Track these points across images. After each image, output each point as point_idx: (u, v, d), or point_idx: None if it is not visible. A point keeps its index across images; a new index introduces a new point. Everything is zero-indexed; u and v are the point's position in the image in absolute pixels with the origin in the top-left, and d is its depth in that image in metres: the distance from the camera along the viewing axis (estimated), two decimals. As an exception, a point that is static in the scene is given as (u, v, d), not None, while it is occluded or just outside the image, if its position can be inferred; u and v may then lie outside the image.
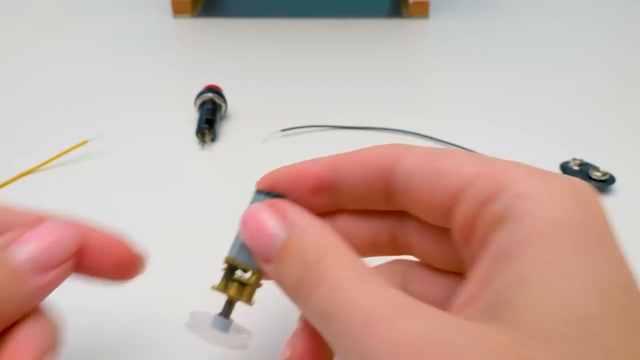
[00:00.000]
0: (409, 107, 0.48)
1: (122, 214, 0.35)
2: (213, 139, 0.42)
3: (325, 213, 0.22)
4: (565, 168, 0.38)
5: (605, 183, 0.36)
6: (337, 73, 0.53)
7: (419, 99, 0.49)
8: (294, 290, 0.18)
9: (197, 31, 0.63)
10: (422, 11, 0.64)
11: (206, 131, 0.42)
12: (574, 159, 0.38)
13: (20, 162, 0.40)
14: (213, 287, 0.22)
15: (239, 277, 0.21)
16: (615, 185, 0.37)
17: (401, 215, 0.21)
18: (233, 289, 0.21)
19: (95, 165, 0.40)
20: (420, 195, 0.19)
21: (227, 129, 0.44)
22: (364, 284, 0.16)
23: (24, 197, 0.37)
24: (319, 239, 0.18)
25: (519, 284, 0.15)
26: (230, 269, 0.22)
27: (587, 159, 0.39)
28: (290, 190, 0.21)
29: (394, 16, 0.66)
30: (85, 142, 0.40)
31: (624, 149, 0.42)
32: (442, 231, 0.20)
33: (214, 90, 0.45)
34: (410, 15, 0.65)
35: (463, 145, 0.41)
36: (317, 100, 0.49)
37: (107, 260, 0.23)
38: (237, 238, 0.21)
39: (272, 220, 0.19)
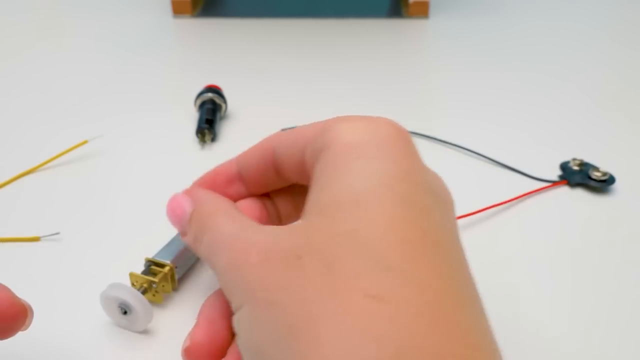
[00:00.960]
0: (409, 107, 0.48)
1: (122, 214, 0.35)
2: (213, 139, 0.42)
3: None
4: (565, 168, 0.38)
5: (605, 183, 0.36)
6: (337, 73, 0.53)
7: (419, 99, 0.49)
8: (195, 245, 0.24)
9: (197, 31, 0.63)
10: (422, 11, 0.65)
11: (206, 131, 0.42)
12: (574, 159, 0.38)
13: (20, 162, 0.40)
14: (131, 273, 0.28)
15: (155, 270, 0.28)
16: (615, 185, 0.37)
17: None
18: (151, 276, 0.28)
19: (95, 165, 0.40)
20: (288, 164, 0.24)
21: (227, 129, 0.44)
22: (233, 224, 0.22)
23: (24, 197, 0.37)
24: (210, 206, 0.24)
25: (317, 189, 0.20)
26: (148, 266, 0.28)
27: (587, 159, 0.39)
28: (213, 186, 0.27)
29: (394, 16, 0.66)
30: (85, 142, 0.40)
31: (624, 149, 0.42)
32: None
33: (214, 90, 0.45)
34: (410, 15, 0.65)
35: (463, 145, 0.41)
36: (317, 99, 0.49)
37: None
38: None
39: (186, 202, 0.25)
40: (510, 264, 0.32)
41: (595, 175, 0.36)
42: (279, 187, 0.27)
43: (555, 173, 0.39)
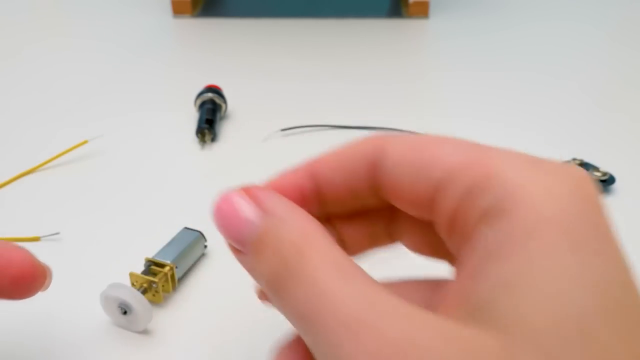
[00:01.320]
0: (409, 106, 0.48)
1: (122, 213, 0.35)
2: (213, 139, 0.42)
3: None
4: None
5: (605, 183, 0.36)
6: (337, 73, 0.53)
7: (419, 98, 0.49)
8: (270, 286, 0.17)
9: (197, 31, 0.63)
10: (422, 11, 0.64)
11: (206, 131, 0.42)
12: (574, 159, 0.38)
13: (20, 162, 0.40)
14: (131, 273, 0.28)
15: (155, 270, 0.28)
16: (615, 185, 0.37)
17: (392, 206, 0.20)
18: (151, 276, 0.28)
19: (95, 165, 0.40)
20: (404, 188, 0.18)
21: (227, 129, 0.44)
22: (346, 284, 0.15)
23: (24, 197, 0.37)
24: (298, 231, 0.17)
25: (507, 285, 0.14)
26: (148, 266, 0.28)
27: (587, 159, 0.39)
28: None
29: (394, 16, 0.66)
30: (85, 142, 0.40)
31: (624, 149, 0.42)
32: (430, 223, 0.19)
33: (214, 90, 0.45)
34: (410, 15, 0.65)
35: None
36: (317, 99, 0.49)
37: (4, 273, 0.21)
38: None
39: (247, 207, 0.17)
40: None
41: (596, 175, 0.36)
42: (371, 207, 0.20)
43: (555, 173, 0.39)
